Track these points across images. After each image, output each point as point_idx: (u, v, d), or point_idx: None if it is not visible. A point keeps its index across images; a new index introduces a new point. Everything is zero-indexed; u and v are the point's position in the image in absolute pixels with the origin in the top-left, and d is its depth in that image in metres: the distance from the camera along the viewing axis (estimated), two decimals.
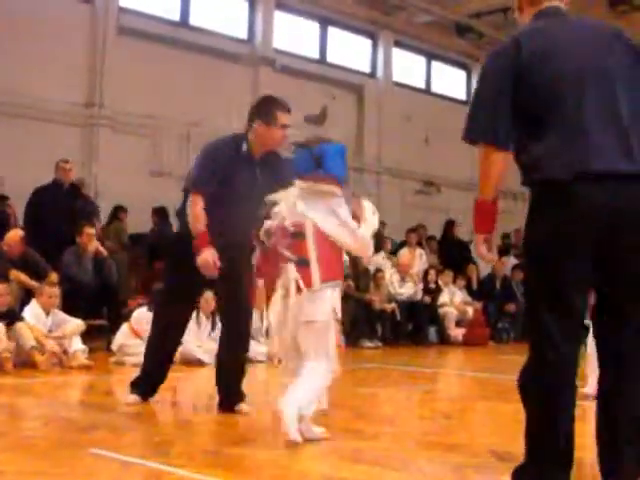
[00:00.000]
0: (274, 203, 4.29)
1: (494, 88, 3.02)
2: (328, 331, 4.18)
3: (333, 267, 4.17)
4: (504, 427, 4.96)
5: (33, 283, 8.51)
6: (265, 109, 5.01)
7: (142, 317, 8.38)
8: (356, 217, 4.26)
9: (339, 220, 4.16)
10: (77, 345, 7.81)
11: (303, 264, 4.06)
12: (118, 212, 11.60)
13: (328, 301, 4.16)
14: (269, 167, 5.09)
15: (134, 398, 5.35)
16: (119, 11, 12.57)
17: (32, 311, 7.88)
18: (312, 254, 4.07)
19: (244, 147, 5.04)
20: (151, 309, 8.40)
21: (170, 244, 5.64)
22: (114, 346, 8.35)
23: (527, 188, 3.06)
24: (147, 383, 5.42)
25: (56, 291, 8.14)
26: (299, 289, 4.06)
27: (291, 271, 4.06)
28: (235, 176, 4.97)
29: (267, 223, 4.23)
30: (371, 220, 4.30)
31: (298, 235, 4.10)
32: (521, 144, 3.02)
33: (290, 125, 5.07)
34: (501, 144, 3.02)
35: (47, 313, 7.94)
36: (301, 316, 4.11)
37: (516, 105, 3.00)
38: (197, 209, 4.92)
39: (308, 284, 4.06)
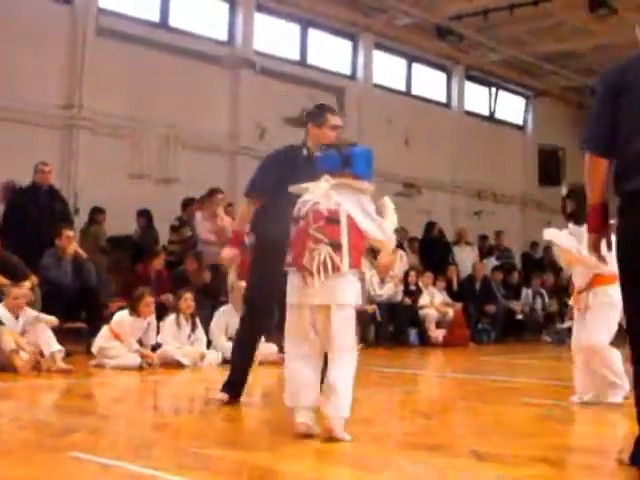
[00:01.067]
0: (302, 192, 4.43)
1: (598, 105, 3.60)
2: (354, 317, 4.30)
3: (359, 256, 4.30)
4: (484, 428, 4.97)
5: (7, 283, 8.25)
6: (317, 112, 5.57)
7: (123, 320, 8.34)
8: (379, 213, 4.47)
9: (368, 214, 4.34)
10: (54, 347, 7.59)
11: (334, 247, 4.17)
12: (96, 214, 11.48)
13: (356, 287, 4.28)
14: None
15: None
16: (98, 12, 12.47)
17: (2, 315, 7.59)
18: (344, 239, 4.20)
19: (304, 152, 5.49)
20: (132, 313, 8.38)
21: (252, 260, 5.72)
22: (94, 349, 8.28)
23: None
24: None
25: (23, 291, 7.92)
26: (332, 269, 4.14)
27: (324, 251, 4.13)
28: (298, 177, 5.17)
29: (297, 208, 4.35)
30: (392, 217, 4.54)
31: (332, 220, 4.22)
32: (617, 155, 3.52)
33: (341, 126, 5.57)
34: (599, 153, 3.55)
35: (16, 316, 7.67)
36: (332, 299, 4.18)
37: (616, 123, 3.48)
38: (243, 212, 5.57)
39: (338, 267, 4.15)
